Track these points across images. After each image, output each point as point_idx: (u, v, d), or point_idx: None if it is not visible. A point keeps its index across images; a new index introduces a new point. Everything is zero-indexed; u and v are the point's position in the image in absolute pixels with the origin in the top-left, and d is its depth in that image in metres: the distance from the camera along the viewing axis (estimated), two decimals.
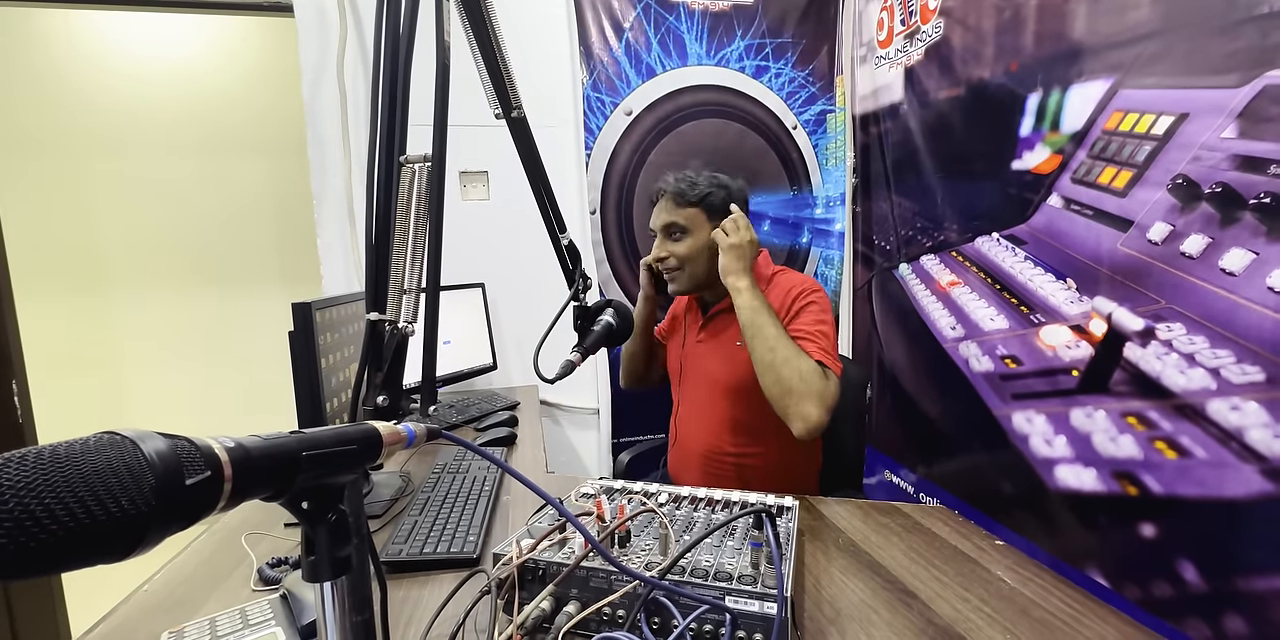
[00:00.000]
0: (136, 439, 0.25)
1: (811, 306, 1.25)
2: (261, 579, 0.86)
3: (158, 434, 0.26)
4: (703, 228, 1.29)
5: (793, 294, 1.27)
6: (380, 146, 0.55)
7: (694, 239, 1.29)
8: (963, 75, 1.45)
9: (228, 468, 0.28)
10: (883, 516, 1.01)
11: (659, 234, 1.32)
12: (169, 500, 0.25)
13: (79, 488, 0.23)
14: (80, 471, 0.23)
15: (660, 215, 1.31)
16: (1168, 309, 0.97)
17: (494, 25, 0.74)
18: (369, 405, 0.55)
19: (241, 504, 0.30)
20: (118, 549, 0.24)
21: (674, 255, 1.29)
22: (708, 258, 1.29)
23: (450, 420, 1.61)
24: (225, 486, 0.28)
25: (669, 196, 1.30)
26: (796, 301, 1.26)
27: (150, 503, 0.24)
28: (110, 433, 0.25)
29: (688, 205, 1.29)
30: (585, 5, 1.93)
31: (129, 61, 2.38)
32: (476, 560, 0.87)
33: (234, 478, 0.28)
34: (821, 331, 1.20)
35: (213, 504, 0.28)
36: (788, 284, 1.31)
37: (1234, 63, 0.87)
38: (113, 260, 2.46)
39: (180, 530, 0.26)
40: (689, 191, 1.29)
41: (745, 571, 0.69)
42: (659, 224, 1.31)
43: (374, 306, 0.55)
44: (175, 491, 0.25)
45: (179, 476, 0.25)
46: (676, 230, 1.29)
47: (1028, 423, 1.27)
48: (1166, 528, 0.99)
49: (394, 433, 0.41)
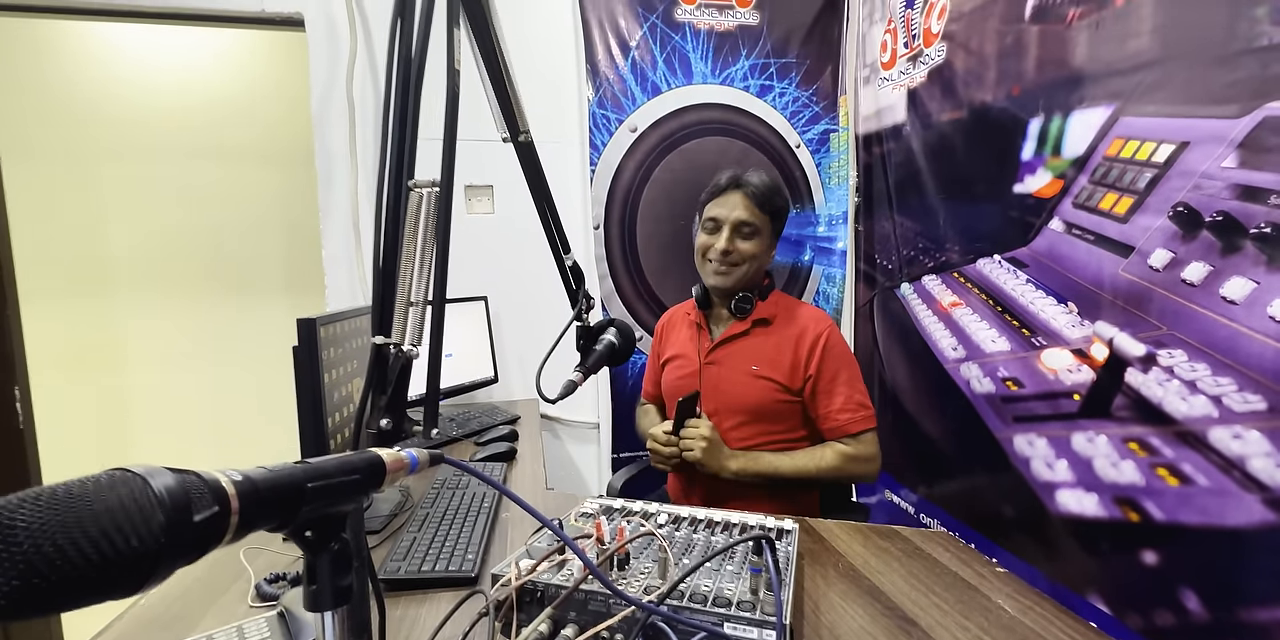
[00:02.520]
0: (146, 476, 0.25)
1: (831, 353, 1.29)
2: (259, 595, 0.85)
3: (167, 470, 0.27)
4: (767, 236, 1.33)
5: (809, 336, 1.30)
6: (390, 171, 0.56)
7: (761, 241, 1.31)
8: (965, 98, 1.47)
9: (234, 502, 0.28)
10: (883, 540, 1.01)
11: (726, 226, 1.30)
12: (178, 537, 0.25)
13: (90, 527, 0.23)
14: (92, 510, 0.23)
15: (737, 210, 1.30)
16: (1169, 335, 0.97)
17: (503, 52, 0.75)
18: (372, 428, 0.56)
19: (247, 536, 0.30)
20: (126, 586, 0.24)
21: (740, 251, 1.30)
22: (763, 263, 1.34)
23: (450, 434, 1.61)
24: (232, 520, 0.28)
25: (751, 195, 1.30)
26: (815, 347, 1.29)
27: (160, 540, 0.25)
28: (121, 470, 0.26)
29: (767, 212, 1.31)
30: (592, 23, 1.95)
31: (139, 72, 2.41)
32: (475, 579, 0.87)
33: (240, 511, 0.28)
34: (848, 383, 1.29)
35: (219, 538, 0.28)
36: (801, 321, 1.33)
37: (1234, 93, 0.88)
38: (119, 267, 2.47)
39: (187, 564, 0.27)
40: (774, 199, 1.31)
41: (744, 597, 0.68)
42: (734, 218, 1.29)
43: (379, 330, 0.55)
44: (184, 528, 0.25)
45: (188, 513, 0.26)
46: (750, 228, 1.30)
47: (1029, 446, 1.26)
48: (1168, 555, 0.98)
49: (397, 460, 0.41)
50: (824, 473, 1.25)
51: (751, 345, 1.34)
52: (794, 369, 1.29)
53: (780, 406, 1.30)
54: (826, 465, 1.25)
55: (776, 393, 1.29)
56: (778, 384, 1.29)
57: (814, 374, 1.28)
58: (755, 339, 1.34)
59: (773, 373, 1.30)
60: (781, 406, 1.30)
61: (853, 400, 1.28)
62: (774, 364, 1.30)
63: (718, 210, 1.32)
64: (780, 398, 1.30)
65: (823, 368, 1.28)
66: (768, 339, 1.33)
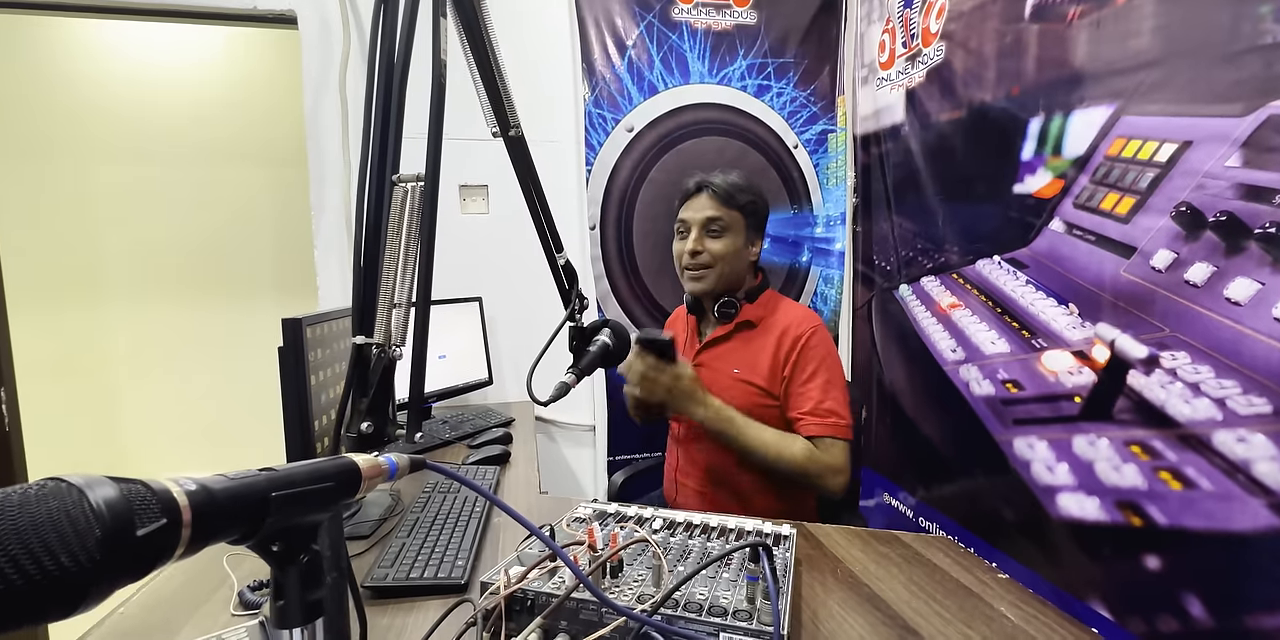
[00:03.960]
0: (84, 487, 0.23)
1: (810, 355, 1.24)
2: (242, 603, 0.83)
3: (108, 479, 0.24)
4: (739, 233, 1.29)
5: (789, 337, 1.26)
6: (372, 165, 0.54)
7: (732, 239, 1.28)
8: (964, 98, 1.45)
9: (186, 513, 0.26)
10: (882, 546, 0.99)
11: (694, 228, 1.28)
12: (117, 553, 0.23)
13: (12, 545, 0.21)
14: (15, 526, 0.21)
15: (703, 210, 1.27)
16: (1172, 337, 0.96)
17: (493, 44, 0.73)
18: (352, 432, 0.53)
19: (205, 549, 0.28)
20: (57, 609, 0.22)
21: (709, 251, 1.27)
22: (739, 261, 1.29)
23: (443, 436, 1.58)
24: (183, 533, 0.26)
25: (715, 193, 1.27)
26: (794, 349, 1.25)
27: (94, 558, 0.22)
28: (56, 479, 0.23)
29: (734, 208, 1.27)
30: (588, 22, 1.94)
31: (132, 69, 2.39)
32: (464, 586, 0.85)
33: (194, 523, 0.26)
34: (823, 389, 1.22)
35: (169, 552, 0.26)
36: (784, 321, 1.29)
37: (1238, 92, 0.87)
38: (110, 267, 2.45)
39: (132, 582, 0.24)
40: (737, 195, 1.27)
41: (741, 606, 0.66)
42: (699, 218, 1.27)
43: (360, 329, 0.53)
44: (124, 543, 0.23)
45: (129, 526, 0.24)
46: (718, 226, 1.27)
47: (1029, 449, 1.25)
48: (1172, 560, 0.97)
49: (374, 466, 0.39)
50: (786, 463, 1.16)
51: (734, 348, 1.32)
52: (773, 371, 1.26)
53: (763, 411, 1.24)
54: (791, 456, 1.16)
55: (758, 397, 1.26)
56: (758, 388, 1.26)
57: (788, 375, 1.25)
58: (738, 342, 1.32)
59: (753, 376, 1.27)
60: (764, 411, 1.25)
61: (823, 406, 1.21)
62: (754, 367, 1.27)
63: (685, 213, 1.31)
64: (761, 402, 1.26)
65: (797, 369, 1.24)
66: (751, 342, 1.31)
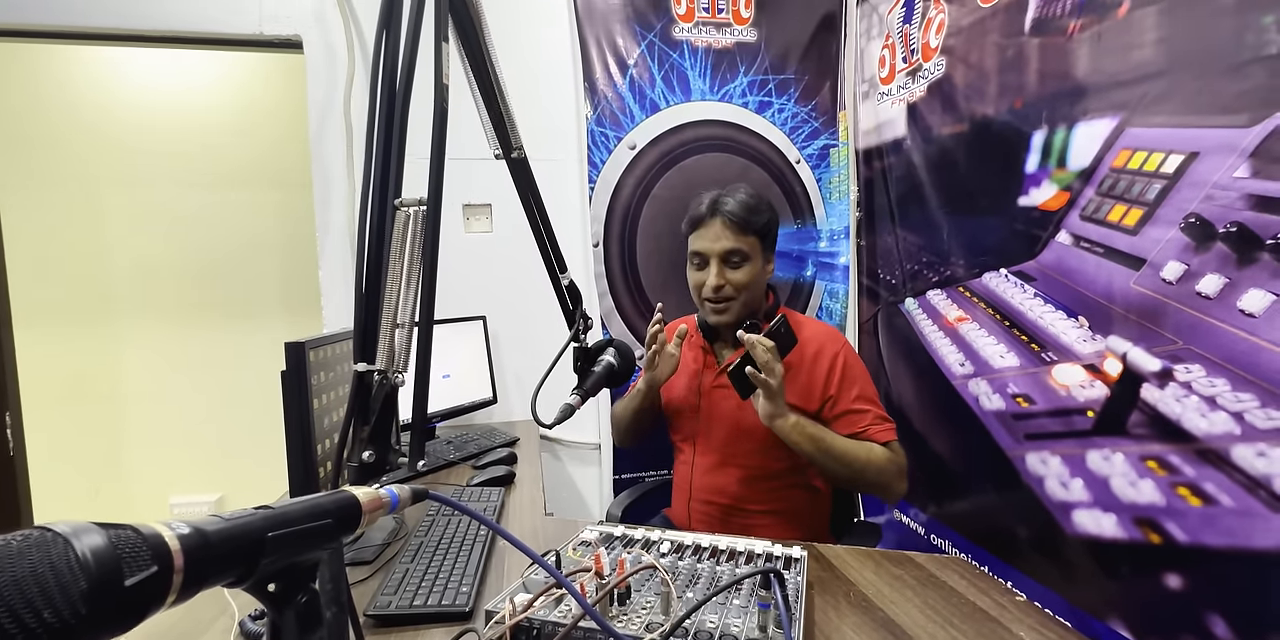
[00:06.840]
0: (69, 536, 0.22)
1: (852, 373, 1.25)
2: (243, 633, 0.81)
3: (95, 525, 0.23)
4: (758, 258, 1.25)
5: (825, 358, 1.25)
6: (374, 190, 0.54)
7: (753, 267, 1.23)
8: (966, 112, 1.45)
9: (179, 558, 0.25)
10: (896, 568, 0.97)
11: (714, 260, 1.22)
12: (102, 605, 0.22)
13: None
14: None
15: (720, 241, 1.21)
16: (1185, 350, 0.94)
17: (495, 67, 0.73)
18: (353, 462, 0.52)
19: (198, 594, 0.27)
20: None
21: (732, 283, 1.22)
22: (760, 286, 1.27)
23: (447, 457, 1.57)
24: (175, 579, 0.25)
25: (730, 221, 1.21)
26: (833, 368, 1.24)
27: (79, 612, 0.21)
28: (42, 528, 0.23)
29: (751, 233, 1.22)
30: (590, 42, 1.96)
31: (139, 94, 2.42)
32: (469, 614, 0.83)
33: (186, 568, 0.25)
34: (871, 400, 1.24)
35: (160, 600, 0.25)
36: (816, 343, 1.27)
37: (1244, 102, 0.86)
38: (118, 290, 2.46)
39: (121, 634, 0.23)
40: (753, 218, 1.22)
41: (753, 635, 0.65)
42: (719, 249, 1.21)
43: (361, 356, 0.52)
44: (111, 595, 0.22)
45: (117, 576, 0.23)
46: (738, 257, 1.22)
47: (1042, 464, 1.23)
48: (1193, 579, 0.94)
49: (374, 499, 0.38)
50: (872, 468, 1.15)
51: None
52: (809, 390, 1.24)
53: None
54: (878, 458, 1.16)
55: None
56: (789, 405, 1.25)
57: (835, 395, 1.23)
58: None
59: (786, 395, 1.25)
60: None
61: (880, 414, 1.23)
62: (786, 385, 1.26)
63: (701, 244, 1.25)
64: None
65: (843, 388, 1.23)
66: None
